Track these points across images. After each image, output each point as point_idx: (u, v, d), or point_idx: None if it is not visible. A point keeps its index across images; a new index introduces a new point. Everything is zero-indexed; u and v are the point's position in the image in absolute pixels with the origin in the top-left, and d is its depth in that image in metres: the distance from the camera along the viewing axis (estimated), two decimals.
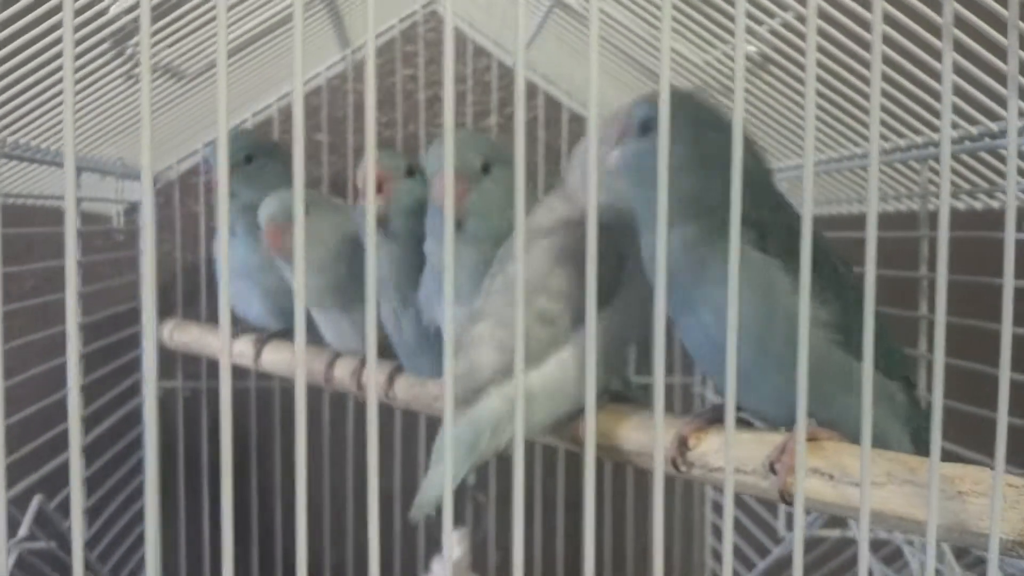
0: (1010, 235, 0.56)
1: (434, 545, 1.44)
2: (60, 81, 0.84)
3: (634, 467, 0.83)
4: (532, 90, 1.45)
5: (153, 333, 0.53)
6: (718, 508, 1.44)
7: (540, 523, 1.47)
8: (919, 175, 0.91)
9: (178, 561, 1.44)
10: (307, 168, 1.46)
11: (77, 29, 0.78)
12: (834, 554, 1.18)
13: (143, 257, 1.32)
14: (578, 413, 0.80)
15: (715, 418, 0.74)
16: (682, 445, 0.73)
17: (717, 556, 1.41)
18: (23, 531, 0.89)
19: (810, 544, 1.16)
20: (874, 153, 0.51)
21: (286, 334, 1.22)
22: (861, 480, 0.50)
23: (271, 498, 1.47)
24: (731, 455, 0.52)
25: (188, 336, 1.34)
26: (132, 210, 1.37)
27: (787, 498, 0.65)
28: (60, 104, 0.90)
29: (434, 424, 1.28)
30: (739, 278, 0.62)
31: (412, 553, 1.47)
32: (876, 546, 1.06)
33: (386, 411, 1.35)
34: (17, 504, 0.93)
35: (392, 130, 1.46)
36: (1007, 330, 0.50)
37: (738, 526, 1.35)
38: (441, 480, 0.75)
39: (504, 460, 1.43)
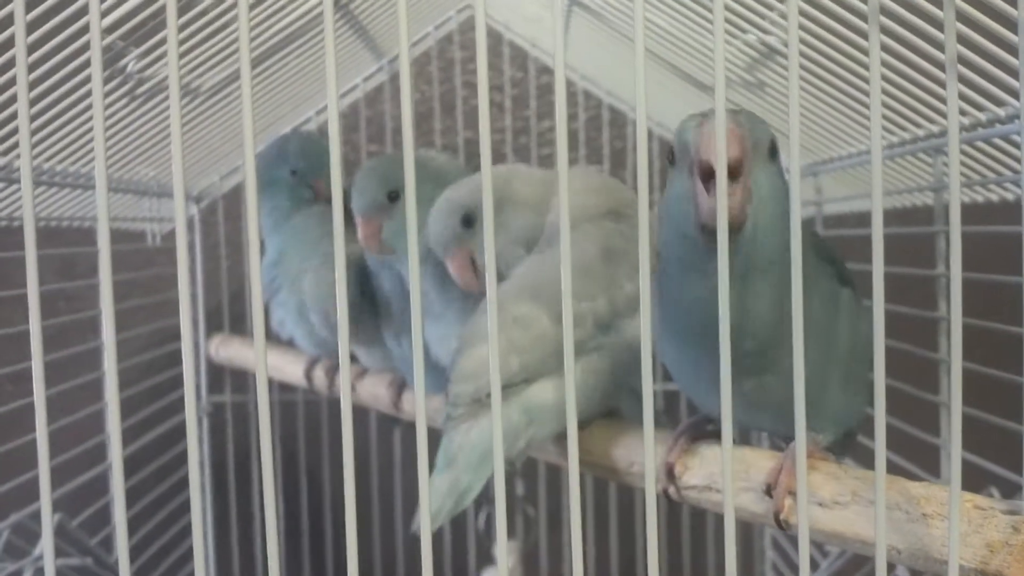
0: None
1: (484, 557, 1.42)
2: (82, 106, 0.87)
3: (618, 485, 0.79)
4: (571, 89, 1.42)
5: (113, 358, 0.53)
6: (777, 545, 1.38)
7: (592, 536, 1.43)
8: (932, 167, 0.84)
9: (232, 572, 1.45)
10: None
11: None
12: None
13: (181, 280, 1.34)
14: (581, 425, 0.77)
15: (698, 434, 0.70)
16: (669, 473, 0.69)
17: None
18: (39, 550, 0.90)
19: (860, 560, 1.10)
20: (876, 148, 0.47)
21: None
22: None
23: (321, 508, 1.47)
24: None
25: (231, 351, 1.35)
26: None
27: (782, 523, 0.60)
28: (84, 129, 0.93)
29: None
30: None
31: (463, 565, 1.45)
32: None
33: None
34: (36, 519, 0.95)
35: (452, 137, 1.45)
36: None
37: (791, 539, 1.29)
38: (445, 489, 0.72)
39: (554, 473, 1.42)
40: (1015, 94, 0.67)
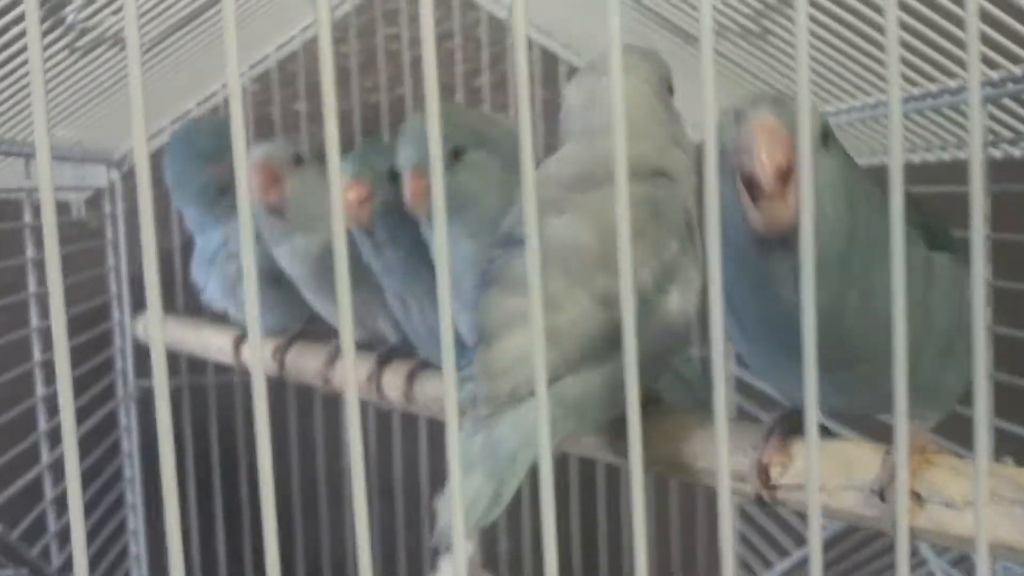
0: None
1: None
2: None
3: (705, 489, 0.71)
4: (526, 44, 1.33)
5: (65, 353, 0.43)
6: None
7: (579, 529, 1.38)
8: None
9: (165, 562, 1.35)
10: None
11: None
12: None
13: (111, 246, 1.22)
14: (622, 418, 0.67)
15: (792, 428, 0.61)
16: (763, 475, 0.60)
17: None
18: None
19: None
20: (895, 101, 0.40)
21: (305, 334, 1.11)
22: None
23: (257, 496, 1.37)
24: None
25: (165, 332, 1.24)
26: (97, 197, 1.26)
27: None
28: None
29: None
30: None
31: (418, 551, 1.38)
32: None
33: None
34: None
35: (376, 95, 1.35)
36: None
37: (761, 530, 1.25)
38: (475, 496, 0.59)
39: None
40: None
